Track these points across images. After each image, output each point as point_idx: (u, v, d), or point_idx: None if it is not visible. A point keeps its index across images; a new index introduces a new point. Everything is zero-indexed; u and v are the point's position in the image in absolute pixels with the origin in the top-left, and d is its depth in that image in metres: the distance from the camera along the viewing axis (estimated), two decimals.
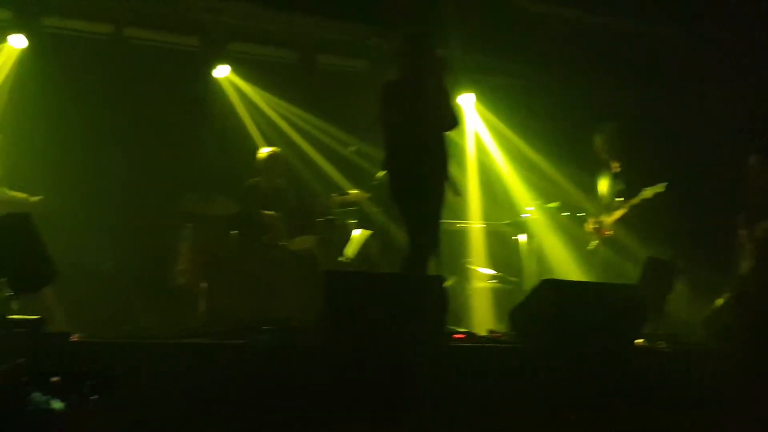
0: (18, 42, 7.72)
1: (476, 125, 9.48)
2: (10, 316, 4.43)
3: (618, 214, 7.58)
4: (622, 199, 7.57)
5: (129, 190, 7.75)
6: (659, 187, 7.28)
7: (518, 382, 4.72)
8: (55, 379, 3.37)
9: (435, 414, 4.27)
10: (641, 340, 5.89)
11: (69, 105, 7.76)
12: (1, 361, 3.49)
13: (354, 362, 4.34)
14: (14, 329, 4.24)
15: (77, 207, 7.13)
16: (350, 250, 7.59)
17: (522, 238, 8.37)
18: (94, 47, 8.21)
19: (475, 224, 8.69)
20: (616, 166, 7.70)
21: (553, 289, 5.35)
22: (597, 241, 7.78)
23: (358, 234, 7.71)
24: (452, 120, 5.84)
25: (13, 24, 7.68)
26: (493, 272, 8.29)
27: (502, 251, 8.52)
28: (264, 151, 7.84)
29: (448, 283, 5.83)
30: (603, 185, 7.80)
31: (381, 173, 6.14)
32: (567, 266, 8.16)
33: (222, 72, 8.63)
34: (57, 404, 3.33)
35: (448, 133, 5.88)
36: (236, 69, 8.74)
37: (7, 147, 6.98)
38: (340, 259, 7.37)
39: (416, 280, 5.25)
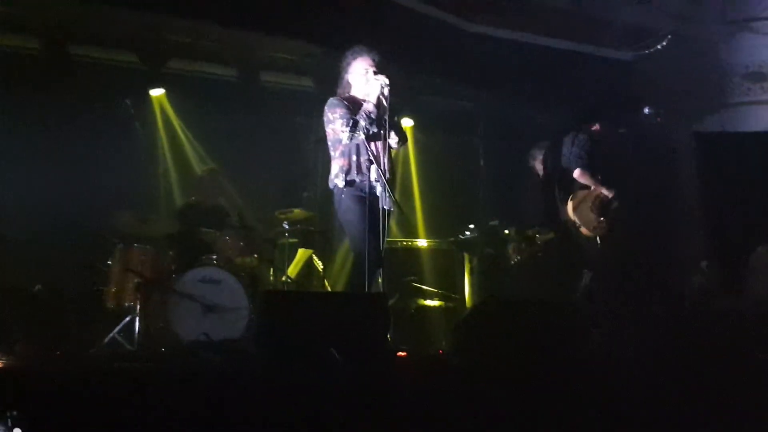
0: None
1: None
2: None
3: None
4: None
5: (58, 210, 7.45)
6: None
7: (462, 400, 4.65)
8: None
9: None
10: None
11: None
12: None
13: (292, 383, 4.23)
14: None
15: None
16: (292, 269, 7.47)
17: (465, 255, 8.35)
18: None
19: (419, 242, 8.66)
20: None
21: (497, 306, 5.31)
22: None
23: (300, 253, 7.60)
24: (400, 137, 5.81)
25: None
26: (436, 290, 8.22)
27: (446, 269, 8.47)
28: (202, 169, 7.74)
29: (391, 302, 5.75)
30: None
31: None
32: (513, 283, 8.12)
33: (157, 90, 8.54)
34: None
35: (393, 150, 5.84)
36: (171, 87, 8.61)
37: None
38: (282, 278, 7.24)
39: (358, 298, 5.18)
